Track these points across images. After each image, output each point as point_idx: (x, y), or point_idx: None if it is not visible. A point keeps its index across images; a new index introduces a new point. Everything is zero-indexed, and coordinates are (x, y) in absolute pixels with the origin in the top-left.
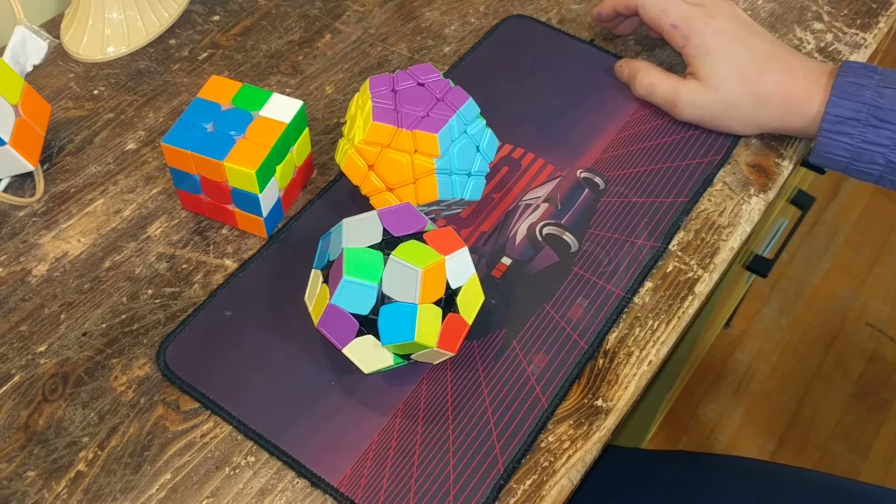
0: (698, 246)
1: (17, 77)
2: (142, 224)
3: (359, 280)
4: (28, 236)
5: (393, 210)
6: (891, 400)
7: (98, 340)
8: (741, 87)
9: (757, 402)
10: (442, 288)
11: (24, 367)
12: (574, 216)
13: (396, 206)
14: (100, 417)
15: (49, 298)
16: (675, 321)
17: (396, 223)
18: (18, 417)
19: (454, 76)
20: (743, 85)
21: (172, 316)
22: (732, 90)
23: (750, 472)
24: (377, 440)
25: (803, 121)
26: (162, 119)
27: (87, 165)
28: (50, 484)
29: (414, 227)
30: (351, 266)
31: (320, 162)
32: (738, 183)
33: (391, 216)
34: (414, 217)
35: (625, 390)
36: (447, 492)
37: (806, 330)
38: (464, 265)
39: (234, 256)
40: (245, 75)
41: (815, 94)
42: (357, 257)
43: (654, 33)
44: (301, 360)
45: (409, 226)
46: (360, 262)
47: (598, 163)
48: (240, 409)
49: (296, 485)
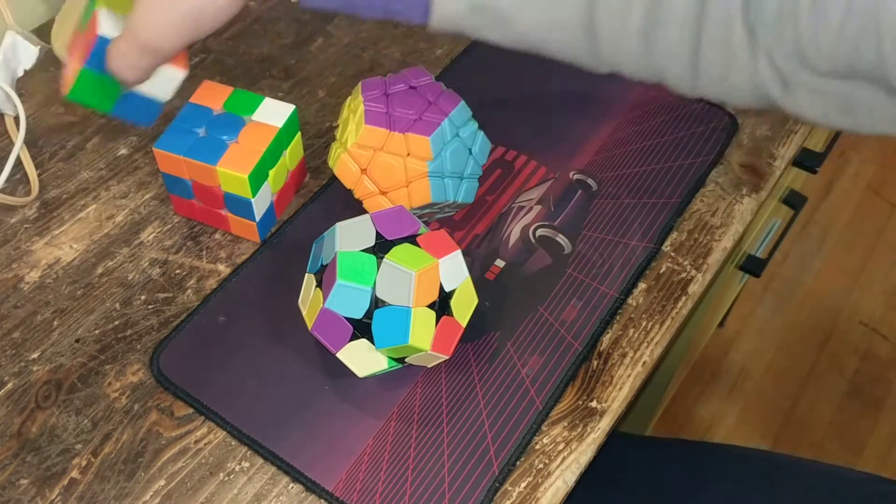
0: (691, 246)
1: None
2: (134, 230)
3: (352, 284)
4: (20, 243)
5: (386, 213)
6: (884, 398)
7: (91, 347)
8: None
9: (751, 401)
10: (436, 291)
11: (17, 374)
12: (567, 218)
13: (389, 210)
14: (93, 424)
15: (42, 305)
16: (668, 322)
17: (390, 226)
18: (11, 425)
19: (446, 79)
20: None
21: (166, 321)
22: None
23: (751, 460)
24: (372, 444)
25: None
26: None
27: (79, 171)
28: (43, 492)
29: (407, 230)
30: (344, 270)
31: (313, 165)
32: (730, 183)
33: (384, 220)
34: (407, 220)
35: (619, 391)
36: (442, 495)
37: (799, 329)
38: (457, 268)
39: (227, 261)
40: (237, 79)
41: None
42: (350, 261)
43: None
44: (295, 365)
45: (402, 229)
46: (353, 266)
47: (590, 164)
48: (234, 415)
49: (291, 490)
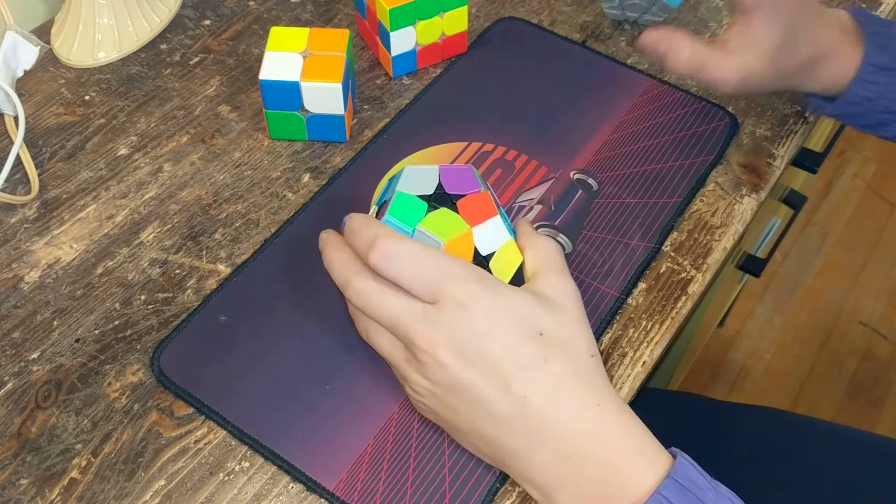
0: (691, 246)
1: (300, 31)
2: (134, 230)
3: (397, 221)
4: (20, 243)
5: (453, 169)
6: (884, 398)
7: (91, 347)
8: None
9: (752, 401)
10: (469, 256)
11: (17, 374)
12: (568, 218)
13: (458, 167)
14: (93, 424)
15: (41, 305)
16: (668, 322)
17: (452, 181)
18: (11, 425)
19: (447, 78)
20: None
21: (166, 321)
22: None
23: (772, 421)
24: (372, 444)
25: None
26: (154, 124)
27: (79, 171)
28: (43, 491)
29: (467, 188)
30: (396, 208)
31: (313, 165)
32: (730, 183)
33: (450, 174)
34: (470, 180)
35: (619, 391)
36: (443, 494)
37: (799, 329)
38: (496, 233)
39: (227, 261)
40: (237, 79)
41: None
42: (403, 202)
43: None
44: (295, 365)
45: (463, 187)
46: (405, 207)
47: (591, 164)
48: (234, 415)
49: (291, 490)
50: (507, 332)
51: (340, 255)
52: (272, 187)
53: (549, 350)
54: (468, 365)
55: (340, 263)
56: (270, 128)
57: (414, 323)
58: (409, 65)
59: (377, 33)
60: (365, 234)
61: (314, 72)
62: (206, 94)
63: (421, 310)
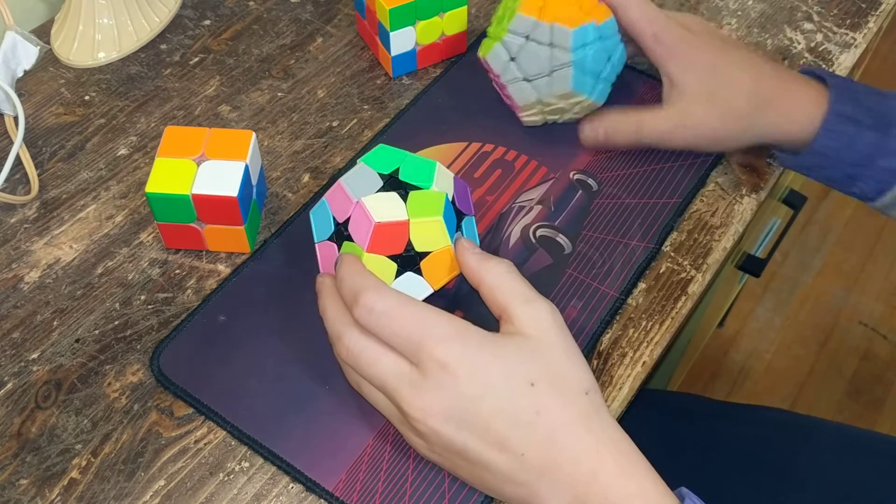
0: (691, 246)
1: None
2: (134, 230)
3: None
4: (20, 243)
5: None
6: (884, 398)
7: (91, 347)
8: (735, 94)
9: (752, 401)
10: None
11: (17, 374)
12: (568, 218)
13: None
14: (93, 424)
15: (41, 305)
16: (668, 322)
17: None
18: (11, 425)
19: (447, 78)
20: (737, 92)
21: (166, 321)
22: (728, 98)
23: (773, 421)
24: (372, 444)
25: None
26: (154, 124)
27: (79, 171)
28: (43, 492)
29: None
30: (371, 158)
31: (313, 165)
32: (730, 183)
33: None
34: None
35: (619, 391)
36: (442, 495)
37: (799, 329)
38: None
39: (227, 261)
40: (236, 79)
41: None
42: (378, 156)
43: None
44: (295, 365)
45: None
46: (378, 159)
47: (591, 164)
48: (234, 415)
49: (290, 490)
50: (496, 390)
51: (333, 306)
52: (272, 187)
53: (541, 401)
54: (461, 429)
55: (332, 315)
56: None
57: (401, 387)
58: (408, 65)
59: (377, 33)
60: (349, 286)
61: (208, 181)
62: (205, 94)
63: (408, 372)
